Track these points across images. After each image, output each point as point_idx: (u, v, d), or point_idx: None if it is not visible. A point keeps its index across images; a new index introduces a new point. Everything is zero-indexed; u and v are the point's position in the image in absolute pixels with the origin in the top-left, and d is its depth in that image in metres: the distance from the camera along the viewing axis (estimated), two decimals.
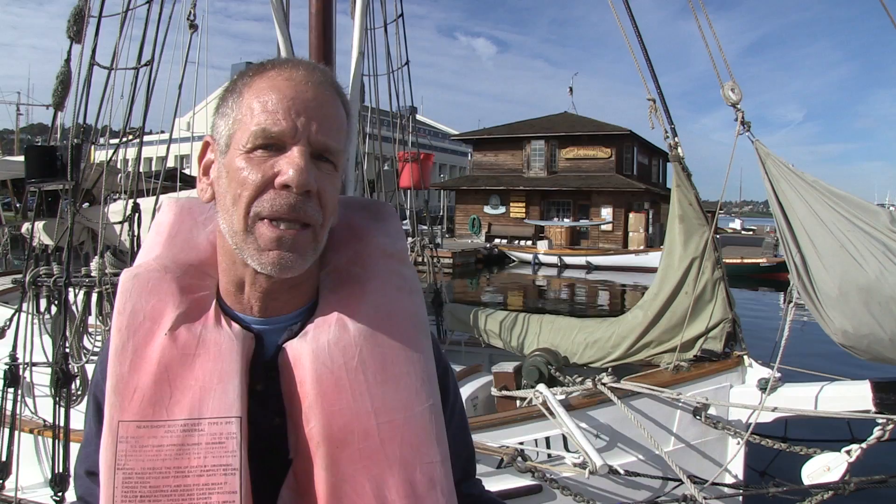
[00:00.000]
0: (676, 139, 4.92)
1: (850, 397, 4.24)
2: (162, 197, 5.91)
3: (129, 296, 1.21)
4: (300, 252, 1.14)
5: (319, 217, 1.16)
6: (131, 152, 5.76)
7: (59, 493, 4.72)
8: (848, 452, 4.06)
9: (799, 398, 4.41)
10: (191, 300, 1.22)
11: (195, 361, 1.15)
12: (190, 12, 5.57)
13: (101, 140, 6.50)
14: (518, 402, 5.13)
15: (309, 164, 1.12)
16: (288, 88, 1.15)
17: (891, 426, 4.02)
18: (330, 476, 1.14)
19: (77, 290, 5.27)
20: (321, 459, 1.14)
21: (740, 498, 4.65)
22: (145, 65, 5.33)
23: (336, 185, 1.20)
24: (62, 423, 4.80)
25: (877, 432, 4.05)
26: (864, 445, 4.04)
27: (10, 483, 5.09)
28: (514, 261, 38.22)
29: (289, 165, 1.11)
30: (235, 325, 1.21)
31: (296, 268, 1.15)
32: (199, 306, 1.22)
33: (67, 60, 5.74)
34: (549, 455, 4.60)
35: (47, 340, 5.29)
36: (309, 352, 1.18)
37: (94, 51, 5.42)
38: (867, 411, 4.13)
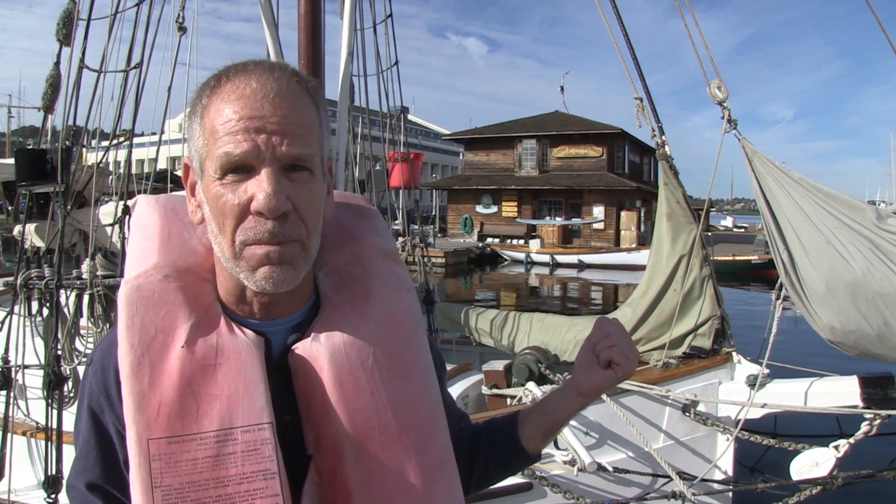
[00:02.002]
0: (664, 137, 4.95)
1: (839, 393, 4.27)
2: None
3: (136, 309, 1.19)
4: (291, 263, 1.16)
5: (302, 231, 1.17)
6: (122, 154, 5.75)
7: (53, 496, 4.72)
8: (836, 447, 4.10)
9: (787, 394, 4.44)
10: (198, 309, 1.22)
11: (217, 372, 1.16)
12: (179, 15, 5.56)
13: (92, 142, 6.50)
14: (508, 401, 5.16)
15: (279, 187, 1.12)
16: (243, 108, 1.13)
17: (878, 421, 4.05)
18: (358, 469, 1.20)
19: (69, 293, 5.27)
20: (349, 454, 1.20)
21: (730, 494, 4.68)
22: (134, 67, 5.33)
23: (314, 191, 1.19)
24: (55, 426, 4.81)
25: (864, 427, 4.08)
26: (851, 440, 4.08)
27: (2, 485, 5.09)
28: (506, 260, 38.25)
29: (259, 191, 1.11)
30: (248, 331, 1.22)
31: (290, 281, 1.17)
32: (207, 314, 1.22)
33: (57, 63, 5.74)
34: None
35: (39, 343, 5.29)
36: (326, 354, 1.22)
37: (83, 53, 5.41)
38: (855, 406, 4.16)
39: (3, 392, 5.19)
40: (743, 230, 68.57)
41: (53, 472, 4.74)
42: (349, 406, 1.20)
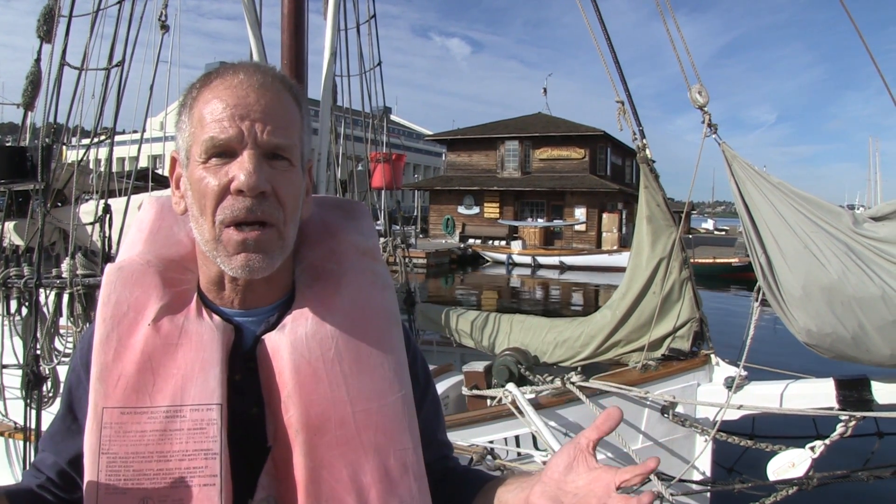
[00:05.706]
0: (644, 141, 4.99)
1: (815, 395, 4.33)
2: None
3: (114, 287, 1.25)
4: (266, 251, 1.18)
5: (280, 215, 1.19)
6: (103, 152, 5.73)
7: None
8: (812, 449, 4.15)
9: (765, 396, 4.49)
10: (173, 293, 1.26)
11: (177, 351, 1.20)
12: (161, 12, 5.53)
13: (73, 140, 6.46)
14: (488, 402, 5.18)
15: (259, 167, 1.16)
16: (230, 96, 1.18)
17: (853, 422, 4.10)
18: (308, 461, 1.18)
19: (48, 292, 5.24)
20: (300, 446, 1.19)
21: (707, 494, 4.72)
22: (116, 65, 5.30)
23: (293, 180, 1.22)
24: (33, 426, 4.78)
25: (839, 429, 4.13)
26: (827, 442, 4.13)
27: None
28: (488, 261, 38.31)
29: (239, 170, 1.15)
30: (216, 317, 1.25)
31: (264, 268, 1.19)
32: (180, 299, 1.26)
33: (37, 60, 5.71)
34: (519, 453, 4.64)
35: (18, 342, 5.26)
36: (287, 344, 1.22)
37: (64, 51, 5.38)
38: (831, 408, 4.22)
39: None
40: (724, 233, 69.05)
41: None
42: (305, 396, 1.21)
